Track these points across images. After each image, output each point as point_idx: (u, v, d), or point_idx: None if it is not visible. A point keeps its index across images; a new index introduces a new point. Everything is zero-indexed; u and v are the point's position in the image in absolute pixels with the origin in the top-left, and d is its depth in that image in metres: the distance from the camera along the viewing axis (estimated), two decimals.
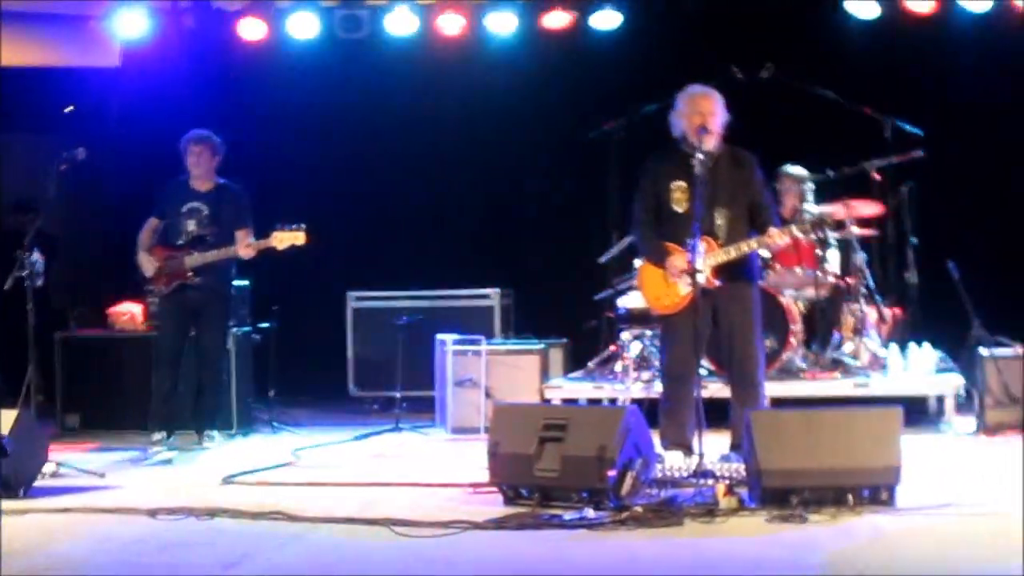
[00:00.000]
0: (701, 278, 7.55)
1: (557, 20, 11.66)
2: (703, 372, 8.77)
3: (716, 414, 8.26)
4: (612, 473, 6.68)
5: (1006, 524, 6.37)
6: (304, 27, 12.00)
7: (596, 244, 10.83)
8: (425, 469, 8.43)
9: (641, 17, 11.58)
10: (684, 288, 7.79)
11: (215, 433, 9.81)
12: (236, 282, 10.00)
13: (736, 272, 7.88)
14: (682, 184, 7.85)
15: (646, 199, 8.09)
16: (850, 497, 6.61)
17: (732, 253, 7.79)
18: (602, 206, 10.91)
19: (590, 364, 10.75)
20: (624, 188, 10.10)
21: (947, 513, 6.65)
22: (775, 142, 10.32)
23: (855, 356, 10.22)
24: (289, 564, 5.99)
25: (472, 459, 8.10)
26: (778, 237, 7.85)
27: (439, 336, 10.49)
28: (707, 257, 7.72)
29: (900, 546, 6.04)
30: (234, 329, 10.30)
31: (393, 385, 10.62)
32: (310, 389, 12.00)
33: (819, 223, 7.83)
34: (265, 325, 10.78)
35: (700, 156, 7.66)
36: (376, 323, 11.60)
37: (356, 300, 11.89)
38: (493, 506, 6.96)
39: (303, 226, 9.29)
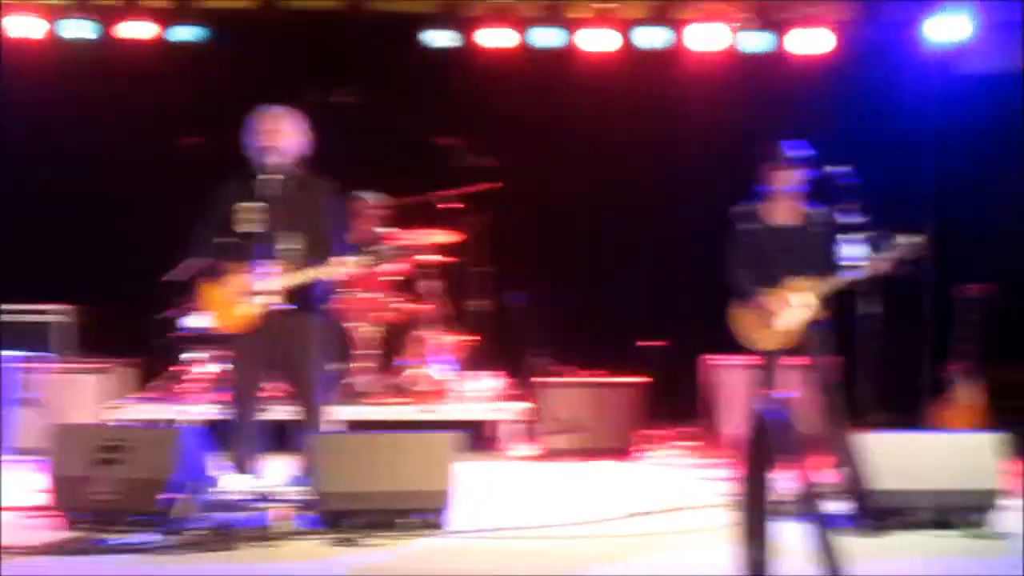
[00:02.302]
0: (265, 300, 7.54)
1: (137, 31, 11.31)
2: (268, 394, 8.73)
3: (280, 437, 8.26)
4: (168, 496, 6.57)
5: (558, 544, 6.65)
6: None
7: (164, 262, 10.59)
8: None
9: (222, 35, 11.34)
10: (248, 309, 7.74)
11: None
12: None
13: (303, 297, 7.82)
14: (251, 205, 7.78)
15: (213, 219, 7.99)
16: (403, 520, 6.75)
17: (298, 278, 7.75)
18: (171, 224, 10.69)
19: (155, 385, 10.49)
20: (195, 206, 9.95)
21: (496, 535, 6.87)
22: (351, 168, 10.40)
23: (424, 382, 10.40)
24: None
25: (32, 482, 7.77)
26: (341, 267, 7.82)
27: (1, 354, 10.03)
28: (272, 280, 7.70)
29: (449, 567, 6.20)
30: None
31: None
32: None
33: (384, 255, 7.87)
34: None
35: (264, 177, 7.63)
36: None
37: None
38: (56, 531, 6.74)
39: None
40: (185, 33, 11.35)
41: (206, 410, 9.40)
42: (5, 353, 9.94)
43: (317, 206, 7.96)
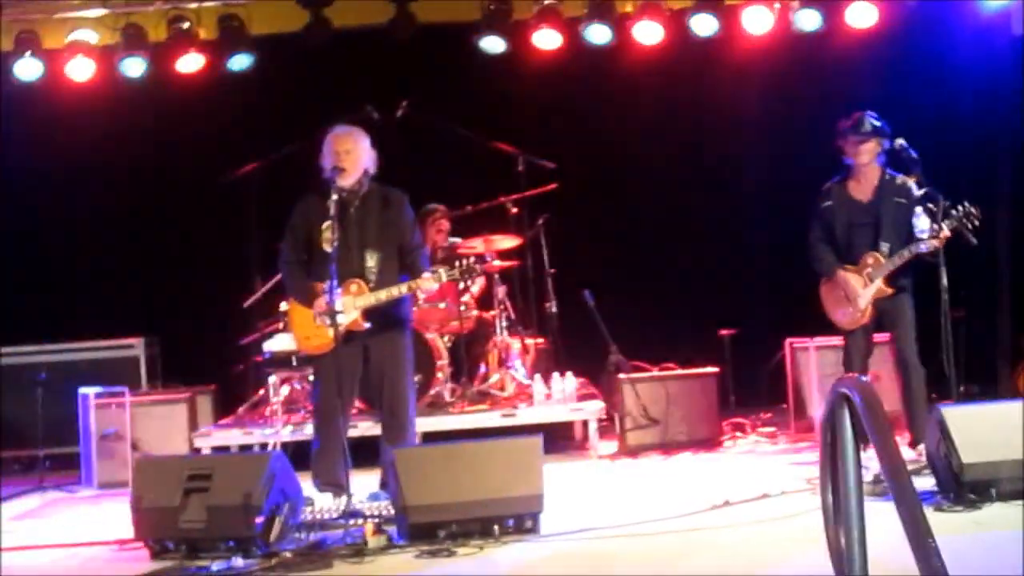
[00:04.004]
0: (343, 319, 7.59)
1: (190, 63, 11.32)
2: (353, 411, 8.79)
3: (368, 453, 8.32)
4: (259, 520, 6.63)
5: (648, 543, 6.64)
6: None
7: (240, 288, 10.70)
8: (70, 528, 8.13)
9: (274, 58, 11.31)
10: (331, 329, 7.72)
11: None
12: None
13: (387, 315, 7.87)
14: (330, 224, 7.68)
15: (296, 238, 8.02)
16: (496, 527, 6.76)
17: (382, 297, 7.75)
18: (244, 249, 10.81)
19: (239, 410, 10.54)
20: (266, 230, 10.01)
21: (590, 536, 6.85)
22: (413, 179, 10.45)
23: (501, 387, 10.41)
24: None
25: (119, 515, 7.86)
26: (427, 282, 7.79)
27: (82, 390, 10.13)
28: (356, 299, 7.72)
29: (545, 572, 6.21)
30: None
31: (35, 443, 10.21)
32: None
33: (469, 271, 7.88)
34: None
35: (334, 197, 7.62)
36: (14, 379, 11.07)
37: None
38: (139, 562, 6.81)
39: None
40: (236, 62, 11.27)
41: (294, 432, 9.47)
42: (88, 389, 10.06)
43: (398, 221, 8.01)
